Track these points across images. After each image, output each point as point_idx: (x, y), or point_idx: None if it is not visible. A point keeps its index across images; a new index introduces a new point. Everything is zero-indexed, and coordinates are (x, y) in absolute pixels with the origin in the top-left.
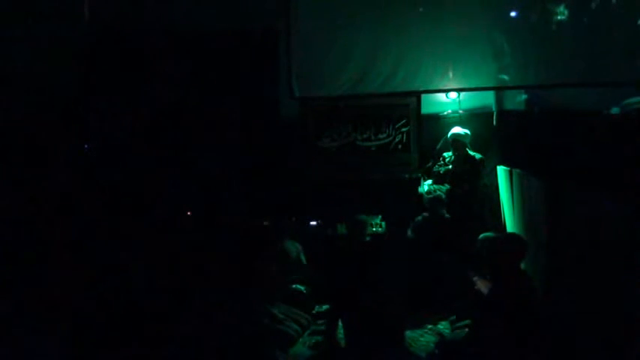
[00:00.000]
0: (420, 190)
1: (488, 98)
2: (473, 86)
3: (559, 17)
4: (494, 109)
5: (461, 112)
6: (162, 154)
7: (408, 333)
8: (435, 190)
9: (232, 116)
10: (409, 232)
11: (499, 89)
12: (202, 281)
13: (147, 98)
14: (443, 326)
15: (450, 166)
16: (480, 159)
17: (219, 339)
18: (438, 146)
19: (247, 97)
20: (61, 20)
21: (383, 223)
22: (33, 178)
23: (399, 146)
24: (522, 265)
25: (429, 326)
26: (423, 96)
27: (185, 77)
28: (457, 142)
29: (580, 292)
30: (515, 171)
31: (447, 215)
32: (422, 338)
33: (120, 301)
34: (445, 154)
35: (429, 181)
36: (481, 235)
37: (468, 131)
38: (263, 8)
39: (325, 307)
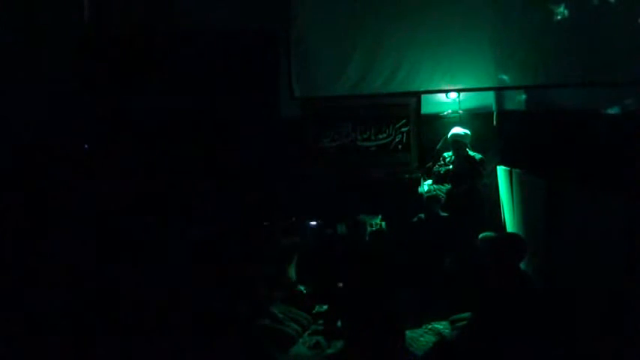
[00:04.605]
0: (420, 190)
1: (488, 98)
2: (473, 86)
3: (559, 17)
4: (494, 109)
5: (461, 112)
6: (162, 154)
7: (408, 333)
8: (434, 190)
9: (232, 116)
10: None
11: (499, 89)
12: (202, 281)
13: (146, 98)
14: (443, 326)
15: (450, 166)
16: (480, 159)
17: (219, 338)
18: (438, 146)
19: (247, 97)
20: (61, 20)
21: (383, 224)
22: (34, 177)
23: (399, 146)
24: (522, 265)
25: (429, 326)
26: (423, 96)
27: (185, 77)
28: (457, 142)
29: (580, 291)
30: (515, 171)
31: (444, 214)
32: (422, 338)
33: (119, 302)
34: (445, 154)
35: (429, 181)
36: (481, 235)
37: (468, 131)
38: (263, 9)
39: (325, 307)
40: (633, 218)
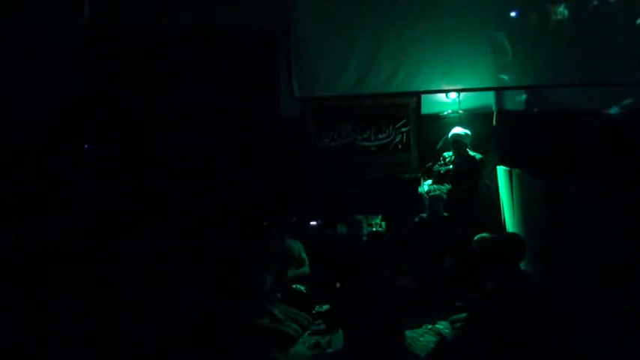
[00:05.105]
0: (420, 190)
1: (488, 98)
2: (473, 86)
3: (559, 17)
4: (494, 109)
5: (461, 112)
6: (162, 154)
7: (408, 333)
8: (434, 190)
9: (233, 116)
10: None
11: (499, 89)
12: (202, 280)
13: (147, 98)
14: (443, 326)
15: (450, 166)
16: (480, 159)
17: (219, 338)
18: (438, 146)
19: (247, 96)
20: (61, 20)
21: (383, 223)
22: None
23: (399, 146)
24: (522, 265)
25: (429, 326)
26: (423, 96)
27: (185, 77)
28: (457, 142)
29: (580, 291)
30: (515, 171)
31: (445, 214)
32: (422, 338)
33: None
34: (445, 154)
35: (429, 181)
36: (476, 237)
37: (468, 131)
38: (264, 8)
39: (325, 307)
40: (633, 218)
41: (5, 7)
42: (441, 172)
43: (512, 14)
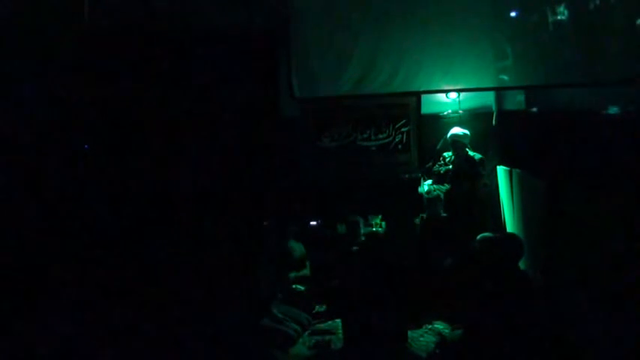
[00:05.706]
0: (420, 190)
1: (488, 98)
2: (473, 86)
3: (559, 17)
4: (494, 109)
5: (461, 112)
6: (162, 155)
7: (408, 333)
8: (434, 190)
9: (232, 116)
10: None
11: (499, 89)
12: (202, 281)
13: (146, 98)
14: (443, 326)
15: (450, 166)
16: (480, 159)
17: (219, 339)
18: (438, 146)
19: (247, 96)
20: (61, 20)
21: (383, 223)
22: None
23: (399, 146)
24: (521, 265)
25: (429, 326)
26: (423, 96)
27: (184, 77)
28: (456, 142)
29: (579, 291)
30: (515, 171)
31: (444, 214)
32: (422, 338)
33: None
34: (445, 154)
35: (429, 181)
36: (479, 236)
37: (467, 131)
38: (263, 8)
39: (325, 307)
40: (632, 217)
41: (5, 7)
42: (441, 172)
43: (512, 14)
